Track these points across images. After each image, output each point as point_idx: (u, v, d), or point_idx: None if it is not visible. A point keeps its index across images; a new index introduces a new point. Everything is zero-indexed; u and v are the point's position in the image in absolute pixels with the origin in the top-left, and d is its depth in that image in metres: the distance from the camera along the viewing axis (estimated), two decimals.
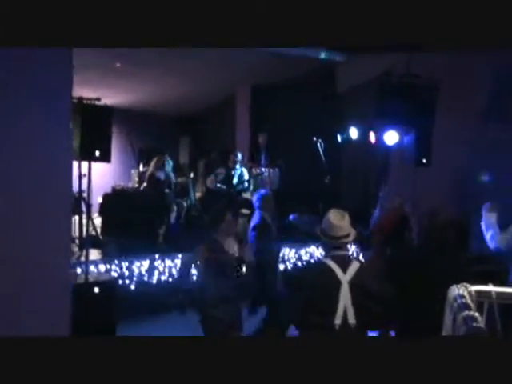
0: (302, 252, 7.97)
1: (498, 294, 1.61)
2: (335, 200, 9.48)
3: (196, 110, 11.70)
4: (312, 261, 8.02)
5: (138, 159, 9.68)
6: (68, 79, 4.11)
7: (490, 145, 7.93)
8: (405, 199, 5.73)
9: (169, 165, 8.45)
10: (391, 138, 8.18)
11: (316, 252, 8.05)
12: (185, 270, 4.67)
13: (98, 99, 5.74)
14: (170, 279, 6.69)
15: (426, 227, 3.31)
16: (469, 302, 1.49)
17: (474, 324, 1.31)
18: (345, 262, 3.02)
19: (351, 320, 2.89)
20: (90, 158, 5.64)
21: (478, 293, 1.63)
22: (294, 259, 7.85)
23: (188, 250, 4.87)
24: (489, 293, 1.61)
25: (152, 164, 8.31)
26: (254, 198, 5.15)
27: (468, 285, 1.66)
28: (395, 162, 9.19)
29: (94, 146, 5.62)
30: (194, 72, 9.08)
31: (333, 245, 3.11)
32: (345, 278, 2.95)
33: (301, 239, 7.74)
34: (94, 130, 5.65)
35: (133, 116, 10.80)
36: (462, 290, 1.61)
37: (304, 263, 7.91)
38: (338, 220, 3.14)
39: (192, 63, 8.31)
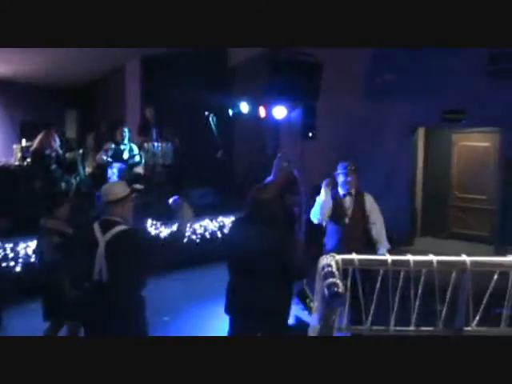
0: (197, 226, 8.07)
1: (360, 261, 1.83)
2: (228, 173, 9.70)
3: (82, 81, 11.21)
4: (207, 234, 8.18)
5: (20, 133, 9.14)
6: None
7: (368, 120, 8.51)
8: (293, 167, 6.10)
9: (55, 140, 8.08)
10: (280, 112, 8.49)
11: (210, 225, 8.20)
12: None
13: None
14: None
15: (252, 201, 3.63)
16: (334, 269, 1.69)
17: (336, 289, 1.51)
18: (107, 225, 3.27)
19: (104, 276, 3.17)
20: None
21: (344, 261, 1.84)
22: (189, 233, 7.92)
23: None
24: (352, 260, 1.83)
25: (37, 139, 7.89)
26: (114, 172, 4.79)
27: (335, 254, 1.86)
28: (284, 136, 9.56)
29: None
30: None
31: (104, 209, 3.41)
32: (103, 238, 3.22)
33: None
34: None
35: (13, 88, 10.10)
36: (330, 260, 1.81)
37: (198, 237, 8.05)
38: (108, 188, 3.44)
39: None
